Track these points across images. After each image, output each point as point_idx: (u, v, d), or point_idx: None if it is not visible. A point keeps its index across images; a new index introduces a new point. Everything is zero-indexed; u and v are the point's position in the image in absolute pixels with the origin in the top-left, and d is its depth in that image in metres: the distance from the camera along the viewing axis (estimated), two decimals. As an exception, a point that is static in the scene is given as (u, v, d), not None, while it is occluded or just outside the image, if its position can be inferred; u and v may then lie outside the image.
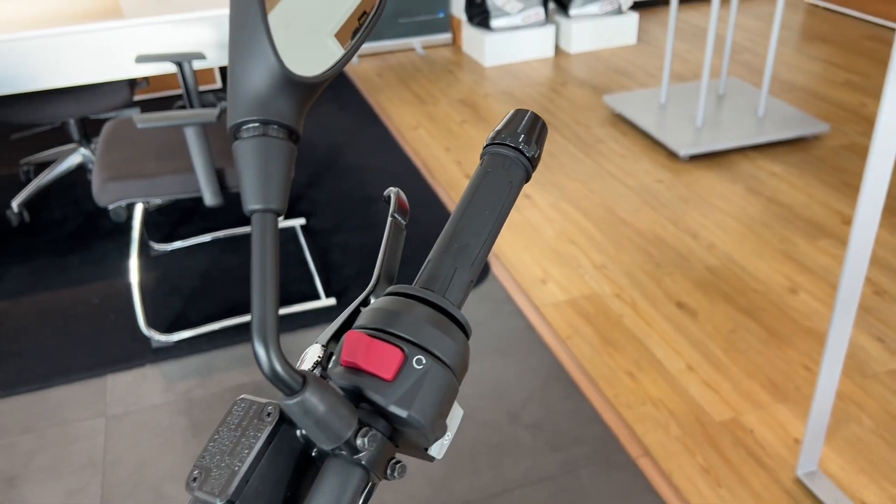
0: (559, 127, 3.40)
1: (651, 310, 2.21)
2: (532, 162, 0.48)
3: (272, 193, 0.36)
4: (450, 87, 3.92)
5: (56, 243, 2.65)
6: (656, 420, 1.85)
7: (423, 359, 0.38)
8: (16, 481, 1.76)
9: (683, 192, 2.82)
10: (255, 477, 0.37)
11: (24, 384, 2.02)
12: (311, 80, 0.37)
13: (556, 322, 2.18)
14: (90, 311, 2.30)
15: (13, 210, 2.73)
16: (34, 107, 2.55)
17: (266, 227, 0.35)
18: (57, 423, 1.91)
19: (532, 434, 1.82)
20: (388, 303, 0.41)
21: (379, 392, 0.38)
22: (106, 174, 1.99)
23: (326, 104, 3.77)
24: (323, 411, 0.35)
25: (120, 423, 1.91)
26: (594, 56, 4.27)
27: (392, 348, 0.38)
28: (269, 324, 0.34)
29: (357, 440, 0.37)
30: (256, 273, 0.35)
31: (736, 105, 3.34)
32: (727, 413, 1.86)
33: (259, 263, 0.35)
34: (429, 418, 0.38)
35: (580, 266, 2.42)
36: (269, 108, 0.36)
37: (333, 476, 0.37)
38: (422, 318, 0.40)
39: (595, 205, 2.76)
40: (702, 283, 2.32)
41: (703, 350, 2.05)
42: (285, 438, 0.39)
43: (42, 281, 2.46)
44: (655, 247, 2.50)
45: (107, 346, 2.15)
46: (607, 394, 1.93)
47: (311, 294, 2.31)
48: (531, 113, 0.50)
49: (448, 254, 0.44)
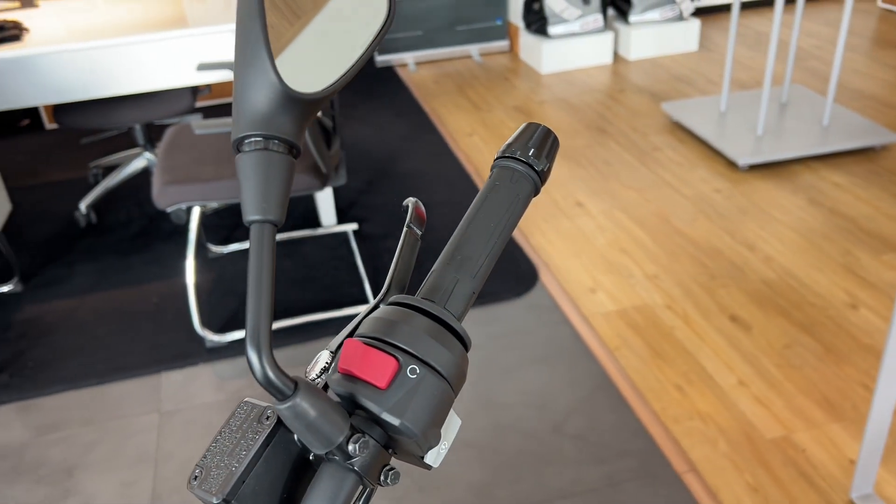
0: (615, 134, 3.36)
1: (703, 322, 2.17)
2: (541, 176, 0.48)
3: (271, 205, 0.37)
4: (506, 94, 3.92)
5: (120, 244, 2.76)
6: (704, 435, 1.81)
7: (416, 368, 0.39)
8: (74, 471, 1.83)
9: (741, 203, 2.75)
10: (252, 477, 0.38)
11: (85, 379, 2.11)
12: (310, 97, 0.38)
13: (605, 332, 2.16)
14: (149, 310, 2.38)
15: (81, 212, 2.85)
16: (103, 113, 2.66)
17: (264, 238, 0.37)
18: (114, 417, 1.99)
19: (576, 445, 1.80)
20: (388, 312, 0.42)
21: (372, 400, 0.39)
22: (165, 178, 2.06)
23: (383, 110, 3.82)
24: (314, 416, 0.36)
25: (172, 419, 1.97)
26: (654, 63, 4.21)
27: (386, 357, 0.39)
28: (263, 331, 0.35)
29: (349, 446, 0.38)
30: (252, 282, 0.36)
31: (799, 113, 3.25)
32: (779, 430, 1.80)
33: (255, 272, 0.36)
34: (421, 427, 0.39)
35: (631, 276, 2.39)
36: (271, 123, 0.37)
37: (327, 480, 0.38)
38: (419, 329, 0.40)
39: (649, 213, 2.72)
40: (757, 296, 2.26)
41: (755, 365, 2.00)
42: (282, 442, 0.40)
43: (106, 280, 2.56)
44: (710, 258, 2.45)
45: (163, 345, 2.22)
46: (654, 407, 1.90)
47: (361, 298, 2.34)
48: (543, 127, 0.50)
49: (450, 265, 0.45)
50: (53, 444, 1.92)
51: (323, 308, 2.30)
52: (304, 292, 2.40)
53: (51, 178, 3.30)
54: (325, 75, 0.39)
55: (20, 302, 2.47)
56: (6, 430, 1.97)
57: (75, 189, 3.08)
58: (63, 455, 1.88)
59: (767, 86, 2.96)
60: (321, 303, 2.33)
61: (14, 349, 2.24)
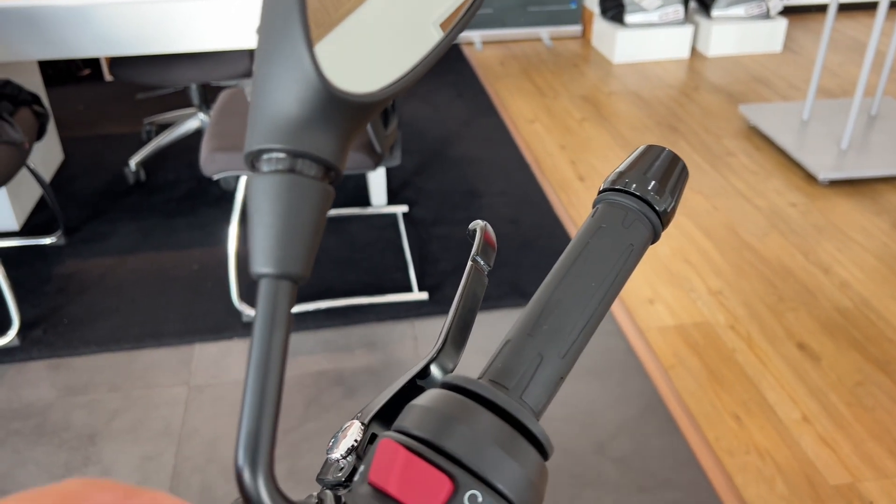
0: (687, 134, 3.18)
1: (768, 348, 2.01)
2: (663, 218, 0.36)
3: (293, 253, 0.25)
4: (573, 82, 3.75)
5: (166, 205, 2.70)
6: (760, 473, 1.67)
7: (478, 496, 0.27)
8: (96, 438, 1.78)
9: (818, 220, 2.56)
10: None
11: (116, 343, 2.05)
12: (362, 100, 0.26)
13: (660, 348, 2.02)
14: (189, 277, 2.31)
15: (131, 168, 2.80)
16: (159, 69, 2.59)
17: (277, 300, 0.25)
18: (142, 386, 1.93)
19: (619, 469, 1.68)
20: (443, 401, 0.30)
21: None
22: (213, 144, 1.98)
23: (444, 89, 3.69)
24: None
25: (201, 394, 1.90)
26: (733, 61, 3.99)
27: (438, 475, 0.27)
28: (264, 438, 0.24)
29: None
30: (257, 360, 0.25)
31: (891, 128, 3.02)
32: (844, 477, 1.65)
33: (261, 348, 0.25)
34: None
35: (693, 290, 2.24)
36: (302, 135, 0.26)
37: None
38: (485, 434, 0.29)
39: (718, 223, 2.56)
40: (829, 324, 2.09)
41: (822, 401, 1.84)
42: None
43: (148, 241, 2.50)
44: (780, 278, 2.28)
45: (199, 315, 2.15)
46: (707, 435, 1.76)
47: (404, 285, 2.23)
48: (668, 151, 0.38)
49: (533, 338, 0.33)
50: (79, 407, 1.87)
51: (364, 292, 2.20)
52: (346, 273, 2.30)
53: (104, 131, 3.27)
54: (385, 70, 0.27)
55: (62, 255, 2.43)
56: (34, 388, 1.93)
57: (127, 144, 3.04)
58: (87, 420, 1.83)
59: (859, 95, 2.74)
60: (363, 286, 2.24)
61: (51, 304, 2.20)
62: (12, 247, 2.45)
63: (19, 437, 1.78)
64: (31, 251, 2.44)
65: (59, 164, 2.97)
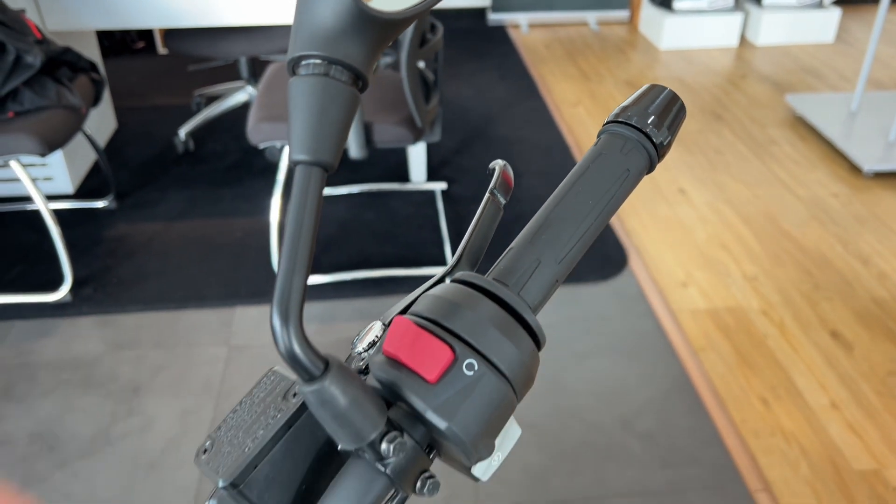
0: (730, 122, 3.16)
1: (801, 335, 2.01)
2: (659, 150, 0.40)
3: (324, 145, 0.30)
4: (618, 67, 3.74)
5: (213, 174, 2.79)
6: (785, 455, 1.68)
7: (475, 363, 0.32)
8: (140, 391, 1.87)
9: (860, 212, 2.54)
10: (267, 462, 0.33)
11: (162, 303, 2.14)
12: (389, 18, 0.30)
13: (691, 330, 2.03)
14: (232, 244, 2.39)
15: (180, 138, 2.89)
16: (211, 42, 2.67)
17: (310, 183, 0.30)
18: (185, 343, 2.01)
19: (643, 444, 1.70)
20: (451, 291, 0.34)
21: (418, 394, 0.32)
22: (260, 114, 2.04)
23: (488, 71, 3.71)
24: (344, 405, 0.29)
25: (241, 354, 1.98)
26: (783, 51, 3.93)
27: (441, 345, 0.32)
28: (295, 295, 0.29)
29: (382, 444, 0.31)
30: (290, 235, 0.29)
31: (941, 122, 2.96)
32: (869, 463, 1.65)
33: (295, 223, 0.29)
34: (472, 435, 0.32)
35: (728, 275, 2.24)
36: (336, 44, 0.30)
37: (353, 479, 0.32)
38: (485, 317, 0.33)
39: (757, 211, 2.54)
40: (865, 314, 2.08)
41: (853, 389, 1.84)
42: (308, 425, 0.34)
43: (195, 208, 2.59)
44: (818, 267, 2.27)
45: (241, 280, 2.23)
46: (734, 417, 1.77)
47: (439, 259, 2.28)
48: (668, 90, 0.41)
49: (533, 245, 0.37)
50: (125, 361, 1.95)
51: (401, 264, 2.26)
52: (383, 246, 2.36)
53: (156, 102, 3.37)
54: None
55: (113, 219, 2.53)
56: (84, 342, 2.02)
57: (178, 115, 3.13)
58: (132, 374, 1.92)
59: (909, 88, 2.69)
60: (399, 259, 2.29)
61: (102, 264, 2.30)
62: (66, 209, 2.55)
63: (69, 386, 1.88)
64: (84, 214, 2.55)
65: (113, 132, 3.08)
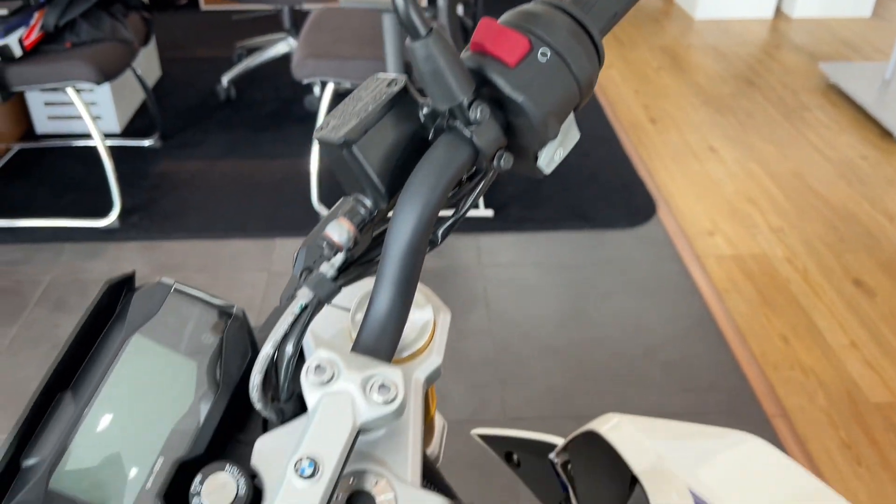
0: (763, 88, 3.18)
1: (823, 281, 2.05)
2: None
3: None
4: (653, 35, 3.77)
5: (254, 120, 2.87)
6: (802, 386, 1.73)
7: (548, 52, 0.38)
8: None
9: (889, 174, 2.56)
10: (376, 130, 0.39)
11: (206, 231, 2.23)
12: None
13: (716, 274, 2.08)
14: (272, 182, 2.48)
15: (223, 85, 2.98)
16: (256, -10, 2.75)
17: None
18: (227, 268, 2.10)
19: (665, 371, 1.77)
20: (533, 5, 0.41)
21: (500, 74, 0.38)
22: (306, 51, 2.12)
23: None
24: (442, 63, 0.36)
25: (280, 280, 2.06)
26: (818, 24, 3.93)
27: (520, 36, 0.38)
28: None
29: (470, 110, 0.38)
30: None
31: (975, 92, 2.96)
32: (885, 396, 1.70)
33: None
34: (542, 110, 0.38)
35: (755, 226, 2.28)
36: None
37: (443, 147, 0.38)
38: (560, 24, 0.39)
39: (785, 170, 2.58)
40: (889, 265, 2.11)
41: (872, 330, 1.89)
42: (408, 105, 0.40)
43: (236, 151, 2.68)
44: (844, 222, 2.30)
45: (280, 215, 2.31)
46: (754, 350, 1.83)
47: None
48: None
49: None
50: (170, 282, 2.05)
51: (434, 205, 2.32)
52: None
53: (199, 55, 3.46)
54: None
55: (158, 157, 2.63)
56: (131, 264, 2.12)
57: (220, 66, 3.22)
58: (177, 293, 2.01)
59: (944, 53, 2.70)
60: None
61: (147, 197, 2.40)
62: (114, 146, 2.65)
63: (118, 301, 1.98)
64: (131, 151, 2.65)
65: (158, 79, 3.17)
